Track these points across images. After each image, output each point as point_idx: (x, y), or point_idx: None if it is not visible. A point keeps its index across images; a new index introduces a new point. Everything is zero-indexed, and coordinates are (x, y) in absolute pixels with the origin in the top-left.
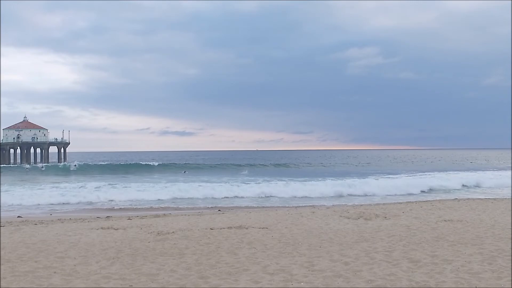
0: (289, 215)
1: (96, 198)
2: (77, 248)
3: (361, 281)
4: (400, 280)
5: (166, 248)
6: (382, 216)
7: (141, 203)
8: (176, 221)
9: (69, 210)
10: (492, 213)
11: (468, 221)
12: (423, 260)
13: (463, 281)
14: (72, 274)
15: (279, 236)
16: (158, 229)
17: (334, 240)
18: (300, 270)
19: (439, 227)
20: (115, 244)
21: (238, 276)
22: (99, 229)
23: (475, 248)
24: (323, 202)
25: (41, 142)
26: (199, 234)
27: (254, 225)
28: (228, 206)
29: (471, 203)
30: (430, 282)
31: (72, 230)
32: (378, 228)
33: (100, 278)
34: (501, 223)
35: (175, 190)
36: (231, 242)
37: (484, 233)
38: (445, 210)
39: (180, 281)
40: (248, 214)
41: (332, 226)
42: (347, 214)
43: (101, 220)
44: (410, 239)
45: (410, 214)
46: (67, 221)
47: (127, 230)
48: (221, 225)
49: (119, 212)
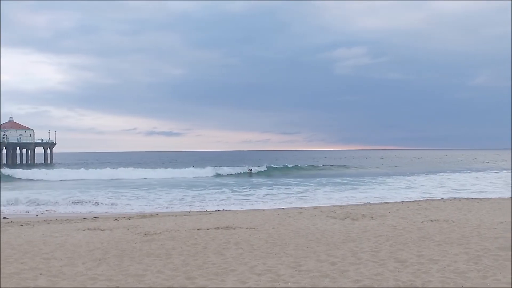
0: (276, 216)
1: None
2: (63, 249)
3: (348, 281)
4: (386, 280)
5: (153, 248)
6: (368, 216)
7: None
8: (163, 221)
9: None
10: (477, 213)
11: (454, 221)
12: (409, 260)
13: (449, 281)
14: (58, 275)
15: (266, 236)
16: (145, 229)
17: (321, 240)
18: (287, 270)
19: (425, 227)
20: (102, 245)
21: (225, 276)
22: (86, 230)
23: (461, 248)
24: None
25: (27, 143)
26: (186, 235)
27: (241, 226)
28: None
29: (457, 203)
30: (417, 281)
31: (58, 231)
32: (364, 228)
33: (86, 279)
34: (487, 223)
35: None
36: (218, 243)
37: (470, 233)
38: (431, 210)
39: (167, 281)
40: (235, 214)
41: (319, 227)
42: (334, 215)
43: (87, 221)
44: (396, 239)
45: (396, 214)
46: (53, 222)
47: (113, 231)
48: (208, 225)
49: (106, 212)
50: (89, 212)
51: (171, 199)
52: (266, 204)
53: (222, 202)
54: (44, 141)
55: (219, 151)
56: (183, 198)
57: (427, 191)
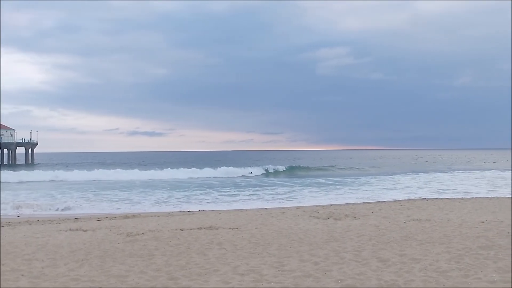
0: (259, 216)
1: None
2: (45, 250)
3: (331, 281)
4: (369, 279)
5: (135, 249)
6: (351, 216)
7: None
8: (145, 222)
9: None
10: (459, 213)
11: (436, 221)
12: (392, 259)
13: (431, 280)
14: (40, 276)
15: (249, 236)
16: (127, 230)
17: (304, 240)
18: (270, 270)
19: (408, 226)
20: (84, 245)
21: (208, 277)
22: (68, 230)
23: (442, 247)
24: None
25: (8, 143)
26: (168, 235)
27: (224, 226)
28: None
29: (439, 203)
30: (399, 281)
31: (40, 232)
32: (347, 228)
33: (68, 281)
34: (468, 222)
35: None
36: (201, 243)
37: (452, 232)
38: (413, 210)
39: (149, 282)
40: (218, 214)
41: (302, 226)
42: (316, 214)
43: (69, 221)
44: (379, 239)
45: (379, 214)
46: (34, 222)
47: (96, 231)
48: (191, 225)
49: (88, 213)
50: (71, 212)
51: (156, 200)
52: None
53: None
54: (25, 141)
55: (202, 151)
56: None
57: (412, 191)
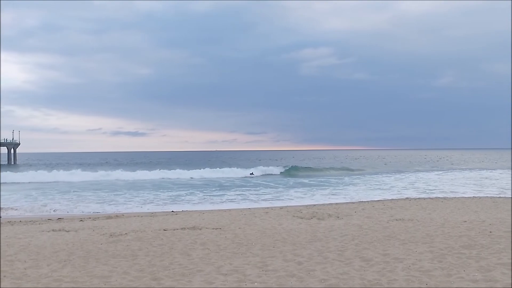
0: (242, 215)
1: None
2: (28, 251)
3: (314, 281)
4: (352, 279)
5: (118, 250)
6: (335, 215)
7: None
8: (128, 222)
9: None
10: (441, 212)
11: (418, 220)
12: (375, 259)
13: (414, 279)
14: (22, 277)
15: (233, 236)
16: (110, 230)
17: (287, 240)
18: (254, 270)
19: (391, 226)
20: (67, 246)
21: (192, 277)
22: (50, 231)
23: (425, 246)
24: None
25: None
26: (152, 235)
27: (208, 226)
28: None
29: (422, 202)
30: (382, 280)
31: (22, 232)
32: (331, 228)
33: (51, 281)
34: (451, 221)
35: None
36: (184, 243)
37: (434, 232)
38: (396, 210)
39: (133, 283)
40: (201, 214)
41: (285, 226)
42: (300, 214)
43: (52, 222)
44: (362, 238)
45: (362, 214)
46: (17, 223)
47: (79, 232)
48: (175, 226)
49: (71, 213)
50: (53, 213)
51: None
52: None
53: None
54: (8, 141)
55: (186, 152)
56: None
57: (398, 191)
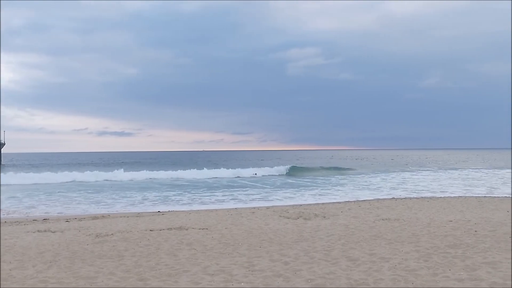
0: (229, 216)
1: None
2: (13, 252)
3: (301, 280)
4: (339, 278)
5: (104, 250)
6: (321, 215)
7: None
8: (115, 222)
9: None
10: (427, 212)
11: (405, 220)
12: (361, 259)
13: (400, 278)
14: (8, 278)
15: (219, 236)
16: (96, 231)
17: (273, 240)
18: (240, 270)
19: (377, 225)
20: (52, 247)
21: (178, 277)
22: (36, 232)
23: (411, 246)
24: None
25: None
26: (138, 236)
27: (194, 226)
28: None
29: (408, 202)
30: (368, 280)
31: (7, 233)
32: (317, 228)
33: (36, 283)
34: (437, 221)
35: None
36: (171, 244)
37: (420, 231)
38: (382, 209)
39: (119, 283)
40: (188, 215)
41: (272, 226)
42: (286, 214)
43: (37, 222)
44: (348, 238)
45: (348, 214)
46: (2, 224)
47: (64, 232)
48: (161, 226)
49: (57, 214)
50: (39, 214)
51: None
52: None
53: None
54: None
55: (172, 152)
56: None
57: (387, 192)
